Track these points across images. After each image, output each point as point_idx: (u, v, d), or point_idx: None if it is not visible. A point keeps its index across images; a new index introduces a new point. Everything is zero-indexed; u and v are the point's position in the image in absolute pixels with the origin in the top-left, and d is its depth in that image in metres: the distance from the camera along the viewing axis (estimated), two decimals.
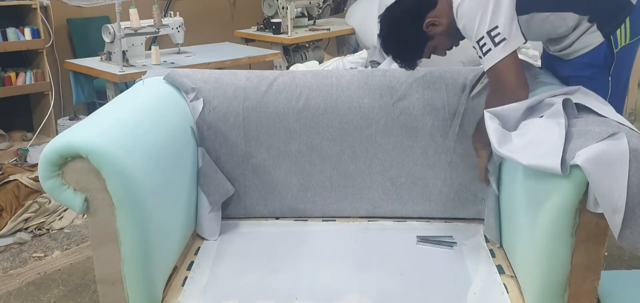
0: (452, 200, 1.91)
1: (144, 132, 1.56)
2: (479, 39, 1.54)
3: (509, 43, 1.51)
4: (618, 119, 1.40)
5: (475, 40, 1.56)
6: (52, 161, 1.36)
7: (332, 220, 1.95)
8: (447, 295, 1.54)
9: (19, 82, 3.90)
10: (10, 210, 2.81)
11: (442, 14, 1.69)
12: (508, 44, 1.51)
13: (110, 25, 3.24)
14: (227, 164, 1.93)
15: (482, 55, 1.55)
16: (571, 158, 1.28)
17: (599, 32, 1.62)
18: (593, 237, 1.34)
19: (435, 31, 1.71)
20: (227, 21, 5.37)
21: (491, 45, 1.52)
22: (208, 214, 1.85)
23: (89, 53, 3.84)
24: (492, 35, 1.52)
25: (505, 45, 1.51)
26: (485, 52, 1.53)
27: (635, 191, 1.24)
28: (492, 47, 1.52)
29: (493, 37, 1.51)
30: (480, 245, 1.77)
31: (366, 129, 1.89)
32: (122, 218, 1.39)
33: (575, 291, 1.38)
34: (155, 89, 1.85)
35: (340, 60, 3.47)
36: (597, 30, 1.62)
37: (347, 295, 1.53)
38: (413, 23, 1.71)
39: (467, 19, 1.57)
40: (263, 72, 2.00)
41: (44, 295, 2.28)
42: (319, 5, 4.96)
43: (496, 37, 1.51)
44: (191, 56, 3.69)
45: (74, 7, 4.41)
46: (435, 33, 1.71)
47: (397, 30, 1.76)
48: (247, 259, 1.72)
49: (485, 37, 1.52)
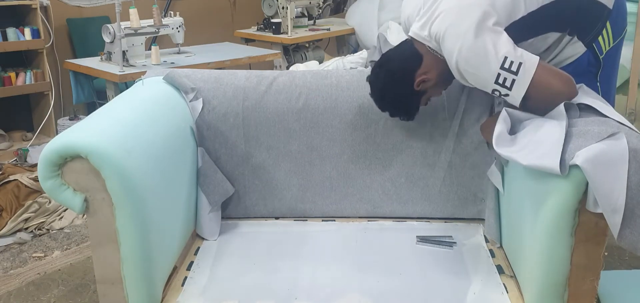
0: (451, 200, 1.90)
1: (144, 132, 1.56)
2: (496, 78, 1.44)
3: (527, 62, 1.42)
4: (618, 119, 1.40)
5: (492, 82, 1.45)
6: (52, 161, 1.36)
7: (332, 220, 1.95)
8: (447, 295, 1.53)
9: (19, 82, 3.90)
10: (10, 210, 2.81)
11: (430, 68, 1.62)
12: (527, 63, 1.42)
13: (110, 25, 3.24)
14: (227, 164, 1.93)
15: (508, 91, 1.44)
16: (570, 158, 1.28)
17: (581, 43, 1.63)
18: (593, 237, 1.34)
19: (427, 86, 1.65)
20: (227, 21, 5.37)
21: (512, 76, 1.42)
22: (208, 214, 1.85)
23: (89, 53, 3.84)
24: (506, 67, 1.42)
25: (525, 67, 1.42)
26: (510, 85, 1.43)
27: (635, 191, 1.24)
28: (515, 76, 1.42)
29: (509, 68, 1.42)
30: (480, 245, 1.77)
31: (366, 129, 1.89)
32: (122, 219, 1.39)
33: (575, 291, 1.38)
34: (154, 89, 1.85)
35: (340, 60, 3.46)
36: (578, 41, 1.63)
37: (347, 295, 1.53)
38: (402, 86, 1.65)
39: (474, 69, 1.47)
40: (263, 72, 2.00)
41: (44, 295, 2.28)
42: (319, 5, 4.96)
43: (512, 66, 1.42)
44: (191, 56, 3.69)
45: (74, 7, 4.41)
46: (427, 88, 1.65)
47: (387, 94, 1.70)
48: (247, 259, 1.72)
49: (502, 73, 1.43)
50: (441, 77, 1.63)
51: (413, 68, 1.63)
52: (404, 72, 1.64)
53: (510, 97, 1.47)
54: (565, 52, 1.66)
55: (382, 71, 1.69)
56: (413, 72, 1.63)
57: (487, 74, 1.46)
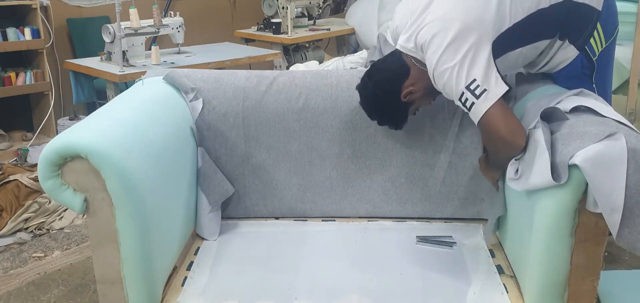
0: (451, 200, 1.90)
1: (144, 132, 1.56)
2: (460, 96, 1.47)
3: (490, 93, 1.44)
4: (617, 118, 1.40)
5: (457, 98, 1.49)
6: (52, 161, 1.36)
7: (332, 220, 1.95)
8: (447, 295, 1.54)
9: (19, 82, 3.90)
10: (10, 210, 2.81)
11: (417, 80, 1.63)
12: (489, 93, 1.44)
13: (110, 25, 3.24)
14: (227, 164, 1.93)
15: (468, 110, 1.48)
16: (569, 159, 1.28)
17: (572, 46, 1.63)
18: (592, 237, 1.34)
19: (414, 97, 1.67)
20: (227, 21, 5.37)
21: (473, 98, 1.44)
22: (208, 214, 1.85)
23: (89, 53, 3.84)
24: (471, 89, 1.44)
25: (487, 96, 1.43)
26: (469, 107, 1.46)
27: (634, 191, 1.24)
28: (475, 100, 1.44)
29: (473, 90, 1.44)
30: (480, 245, 1.77)
31: (366, 129, 1.89)
32: (122, 219, 1.39)
33: (575, 291, 1.38)
34: (154, 89, 1.85)
35: (340, 60, 3.47)
36: (570, 45, 1.63)
37: (347, 295, 1.53)
38: (389, 97, 1.67)
39: (445, 80, 1.50)
40: (263, 72, 2.00)
41: (44, 295, 2.28)
42: (319, 5, 4.96)
43: (476, 90, 1.44)
44: (191, 56, 3.69)
45: (74, 7, 4.41)
46: (414, 99, 1.67)
47: (376, 105, 1.73)
48: (247, 259, 1.72)
49: (466, 92, 1.45)
50: (428, 89, 1.63)
51: (400, 80, 1.66)
52: (391, 84, 1.66)
53: (470, 114, 1.49)
54: (557, 57, 1.66)
55: (371, 82, 1.71)
56: (400, 83, 1.65)
57: (453, 88, 1.48)
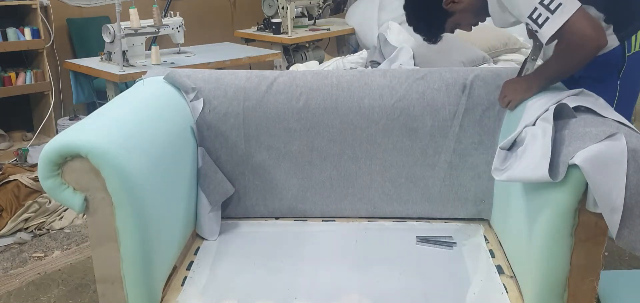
0: (451, 200, 1.90)
1: (144, 132, 1.56)
2: (532, 12, 1.45)
3: (566, 6, 1.42)
4: (618, 119, 1.40)
5: (527, 14, 1.47)
6: (52, 160, 1.36)
7: (332, 220, 1.95)
8: (447, 296, 1.54)
9: (19, 82, 3.90)
10: (10, 210, 2.81)
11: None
12: (565, 7, 1.42)
13: (110, 25, 3.24)
14: (227, 164, 1.93)
15: (538, 28, 1.46)
16: (569, 160, 1.28)
17: (615, 36, 1.61)
18: (592, 237, 1.34)
19: (456, 8, 1.67)
20: (227, 21, 5.37)
21: (547, 13, 1.43)
22: (208, 214, 1.85)
23: (89, 53, 3.84)
24: (545, 4, 1.43)
25: (563, 9, 1.42)
26: (542, 23, 1.44)
27: (633, 191, 1.24)
28: (549, 15, 1.42)
29: (547, 5, 1.43)
30: (480, 246, 1.77)
31: (366, 129, 1.89)
32: (122, 218, 1.39)
33: (575, 291, 1.38)
34: (155, 89, 1.85)
35: (340, 60, 3.47)
36: (613, 34, 1.61)
37: (347, 295, 1.53)
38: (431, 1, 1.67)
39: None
40: (263, 72, 2.00)
41: (44, 295, 2.28)
42: (319, 5, 4.96)
43: (551, 4, 1.42)
44: (191, 56, 3.69)
45: (74, 7, 4.41)
46: (456, 10, 1.67)
47: (416, 5, 1.73)
48: (247, 259, 1.72)
49: (539, 7, 1.44)
50: (471, 7, 1.64)
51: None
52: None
53: (540, 33, 1.47)
54: None
55: None
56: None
57: (524, 5, 1.47)
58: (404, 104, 1.87)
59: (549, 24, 1.44)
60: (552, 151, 1.34)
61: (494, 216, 1.87)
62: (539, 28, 1.46)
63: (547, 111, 1.47)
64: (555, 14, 1.43)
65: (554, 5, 1.43)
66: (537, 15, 1.45)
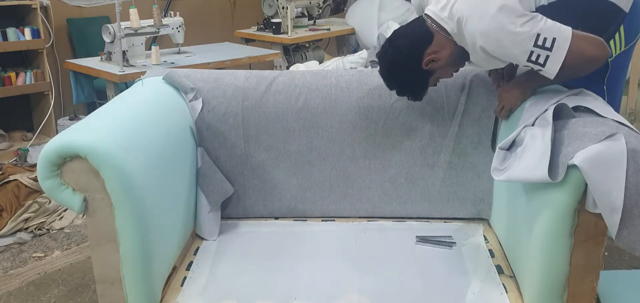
0: (451, 200, 1.90)
1: (143, 132, 1.56)
2: (529, 56, 1.43)
3: (560, 39, 1.41)
4: (617, 119, 1.40)
5: (525, 60, 1.45)
6: (51, 161, 1.36)
7: (332, 220, 1.95)
8: (446, 295, 1.53)
9: (19, 82, 3.90)
10: (10, 210, 2.81)
11: (440, 48, 1.60)
12: (560, 40, 1.40)
13: (110, 25, 3.24)
14: (227, 164, 1.93)
15: (542, 67, 1.44)
16: (568, 160, 1.28)
17: None
18: (592, 237, 1.34)
19: (436, 66, 1.63)
20: (227, 21, 5.37)
21: (546, 52, 1.41)
22: (207, 214, 1.85)
23: (89, 53, 3.84)
24: (539, 44, 1.41)
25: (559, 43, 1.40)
26: (543, 62, 1.42)
27: (633, 191, 1.24)
28: (548, 52, 1.41)
29: (542, 45, 1.41)
30: (480, 245, 1.77)
31: (365, 129, 1.89)
32: (121, 218, 1.39)
33: (574, 291, 1.38)
34: (154, 89, 1.85)
35: (340, 60, 3.47)
36: None
37: (346, 295, 1.53)
38: (410, 64, 1.63)
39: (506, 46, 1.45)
40: (262, 72, 2.00)
41: (44, 295, 2.28)
42: (319, 5, 4.97)
43: (546, 42, 1.41)
44: (191, 56, 3.69)
45: (74, 7, 4.41)
46: (436, 67, 1.63)
47: (395, 72, 1.69)
48: (246, 259, 1.72)
49: (535, 50, 1.42)
50: (451, 59, 1.61)
51: (422, 47, 1.62)
52: (413, 50, 1.63)
53: (545, 72, 1.45)
54: None
55: (391, 47, 1.67)
56: (422, 50, 1.62)
57: (518, 52, 1.45)
58: (403, 104, 1.87)
59: (552, 61, 1.42)
60: (552, 151, 1.34)
61: (493, 216, 1.87)
62: (542, 67, 1.44)
63: (546, 111, 1.47)
64: (554, 50, 1.41)
65: (549, 43, 1.41)
66: (536, 58, 1.43)
